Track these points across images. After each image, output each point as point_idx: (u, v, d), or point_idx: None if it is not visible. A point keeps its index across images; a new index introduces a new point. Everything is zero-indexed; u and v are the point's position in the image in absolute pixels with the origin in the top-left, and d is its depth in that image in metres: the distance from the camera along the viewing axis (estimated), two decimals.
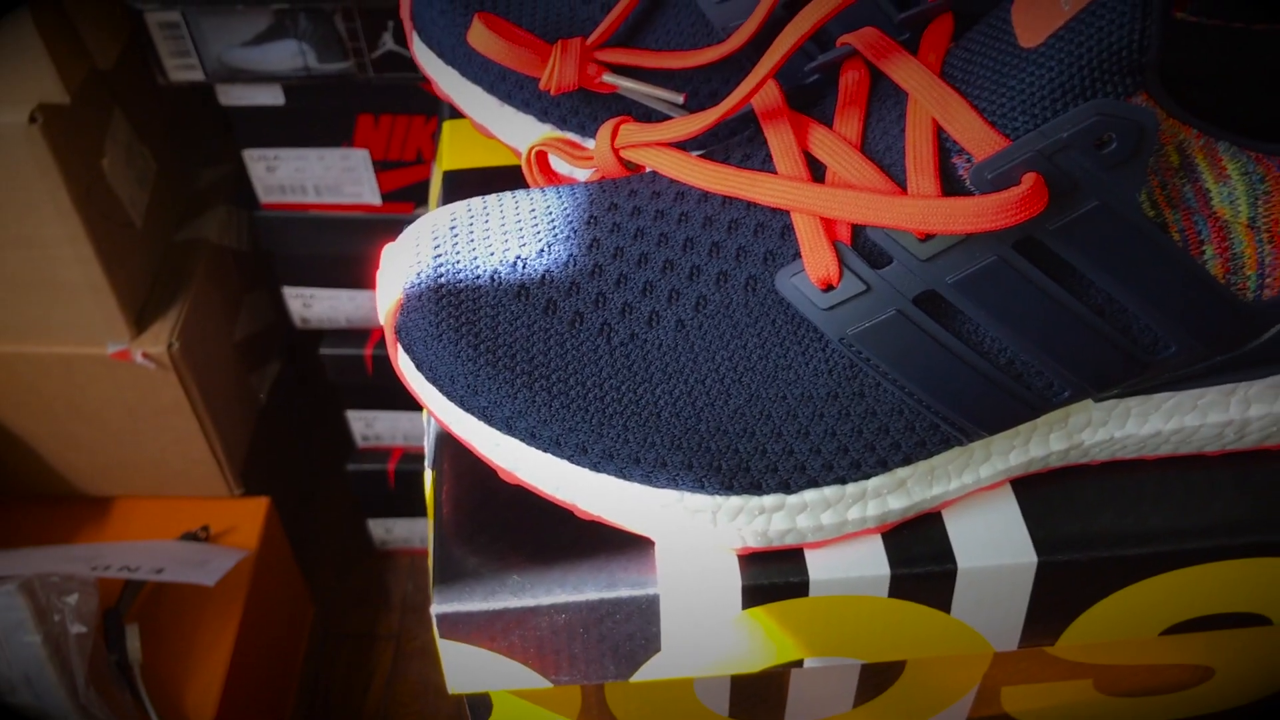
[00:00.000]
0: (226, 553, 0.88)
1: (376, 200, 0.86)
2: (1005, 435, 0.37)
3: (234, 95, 0.81)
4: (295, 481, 1.11)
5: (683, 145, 0.40)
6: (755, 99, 0.36)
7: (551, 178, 0.42)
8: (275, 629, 0.96)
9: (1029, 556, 0.36)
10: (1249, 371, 0.37)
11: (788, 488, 0.35)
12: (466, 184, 0.48)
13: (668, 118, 0.43)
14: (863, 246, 0.34)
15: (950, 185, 0.33)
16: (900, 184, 0.33)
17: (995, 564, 0.36)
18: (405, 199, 0.86)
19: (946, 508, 0.38)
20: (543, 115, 0.45)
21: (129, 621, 0.83)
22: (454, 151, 0.49)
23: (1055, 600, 0.38)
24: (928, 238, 0.33)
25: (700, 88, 0.43)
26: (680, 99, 0.43)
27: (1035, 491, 0.38)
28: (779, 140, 0.35)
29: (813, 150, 0.35)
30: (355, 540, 1.10)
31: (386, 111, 0.80)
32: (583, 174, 0.43)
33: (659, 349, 0.35)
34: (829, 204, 0.33)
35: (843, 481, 0.35)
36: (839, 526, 0.36)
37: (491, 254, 0.36)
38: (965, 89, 0.33)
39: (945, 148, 0.33)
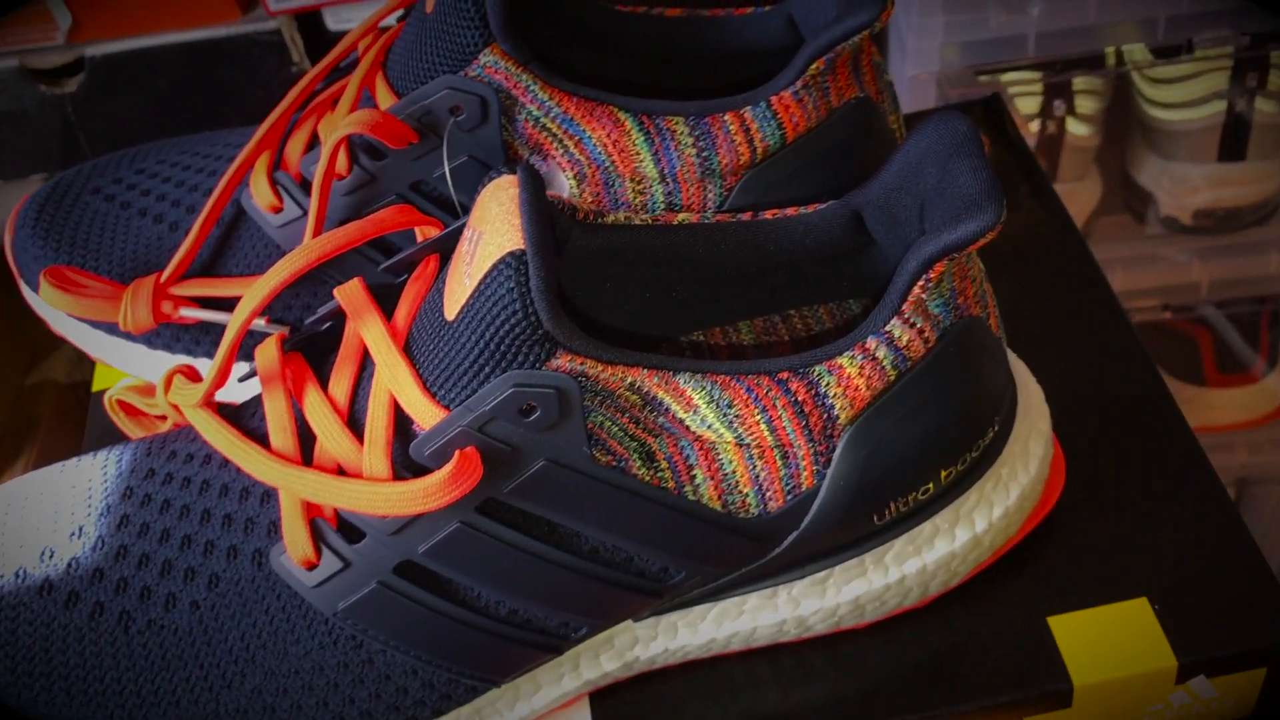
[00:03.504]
0: None
1: None
2: (550, 666, 0.36)
3: None
4: None
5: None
6: (258, 358, 0.36)
7: (140, 420, 0.42)
8: None
9: None
10: (783, 575, 0.36)
11: None
12: None
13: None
14: (343, 522, 0.34)
15: (406, 461, 0.33)
16: None
17: None
18: None
19: None
20: (151, 344, 0.45)
21: None
22: (104, 369, 0.49)
23: None
24: None
25: (292, 302, 0.43)
26: (263, 323, 0.43)
27: (616, 697, 0.38)
28: (274, 407, 0.35)
29: (306, 416, 0.35)
30: None
31: None
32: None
33: (175, 634, 0.35)
34: (299, 486, 0.33)
35: None
36: None
37: (21, 548, 0.36)
38: (416, 356, 0.33)
39: (405, 417, 0.33)
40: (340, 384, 0.35)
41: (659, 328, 0.39)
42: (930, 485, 0.35)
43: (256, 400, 0.38)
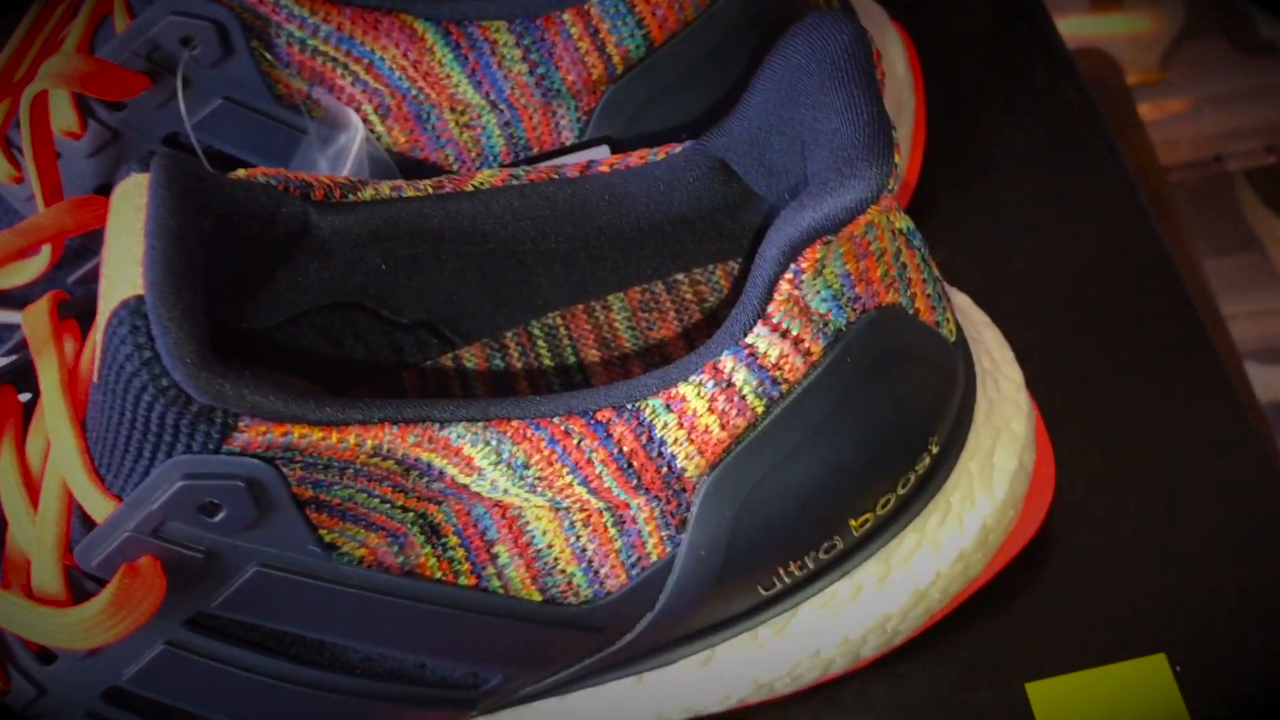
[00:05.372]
0: None
1: None
2: None
3: None
4: None
5: None
6: None
7: None
8: None
9: None
10: (647, 661, 0.27)
11: None
12: None
13: None
14: None
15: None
16: None
17: None
18: None
19: None
20: None
21: None
22: None
23: None
24: None
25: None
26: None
27: None
28: None
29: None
30: None
31: None
32: None
33: None
34: None
35: None
36: None
37: None
38: (90, 420, 0.24)
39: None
40: (38, 439, 0.26)
41: (495, 317, 0.29)
42: (837, 540, 0.25)
43: None
